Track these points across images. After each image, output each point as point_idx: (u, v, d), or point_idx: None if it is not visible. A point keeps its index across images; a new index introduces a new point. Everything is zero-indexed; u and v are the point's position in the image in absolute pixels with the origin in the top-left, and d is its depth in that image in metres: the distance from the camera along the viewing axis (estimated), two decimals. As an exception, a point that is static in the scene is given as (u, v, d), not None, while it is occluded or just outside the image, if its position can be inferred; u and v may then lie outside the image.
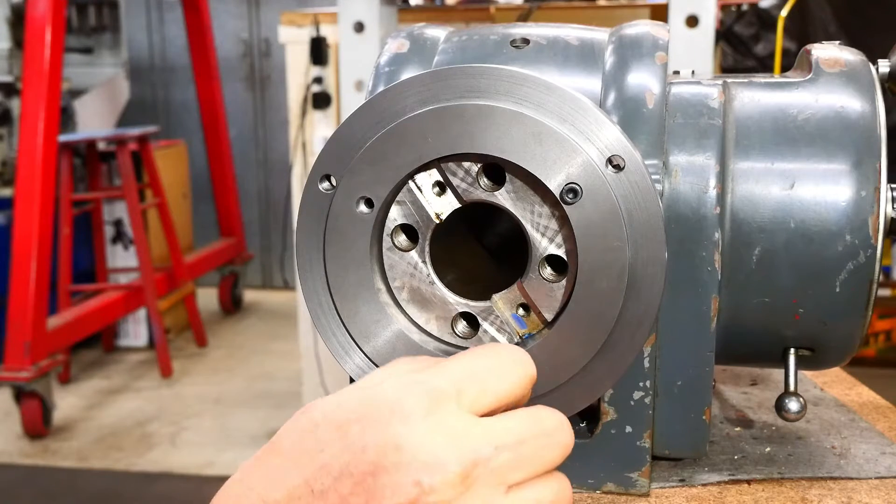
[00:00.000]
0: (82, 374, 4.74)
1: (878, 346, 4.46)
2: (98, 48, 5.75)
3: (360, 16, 2.36)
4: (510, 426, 0.50)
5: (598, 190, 0.61)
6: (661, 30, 0.74)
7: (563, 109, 0.61)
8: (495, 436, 0.49)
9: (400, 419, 0.48)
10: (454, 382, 0.50)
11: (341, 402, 0.50)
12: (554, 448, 0.51)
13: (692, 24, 2.18)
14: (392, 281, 0.67)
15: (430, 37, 0.77)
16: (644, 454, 0.71)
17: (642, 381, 0.70)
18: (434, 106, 0.62)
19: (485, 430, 0.49)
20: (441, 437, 0.47)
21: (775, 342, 0.73)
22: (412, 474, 0.47)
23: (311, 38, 3.13)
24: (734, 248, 0.69)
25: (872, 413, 0.91)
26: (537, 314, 0.65)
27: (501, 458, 0.48)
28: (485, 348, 0.54)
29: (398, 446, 0.47)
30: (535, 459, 0.50)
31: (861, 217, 0.67)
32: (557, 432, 0.51)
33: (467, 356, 0.53)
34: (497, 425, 0.50)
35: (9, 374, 3.73)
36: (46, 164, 3.78)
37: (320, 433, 0.50)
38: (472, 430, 0.48)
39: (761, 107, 0.72)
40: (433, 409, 0.48)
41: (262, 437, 3.92)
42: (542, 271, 0.64)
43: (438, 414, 0.48)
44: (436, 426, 0.48)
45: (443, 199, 0.65)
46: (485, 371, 0.52)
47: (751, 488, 0.74)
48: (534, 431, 0.50)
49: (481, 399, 0.50)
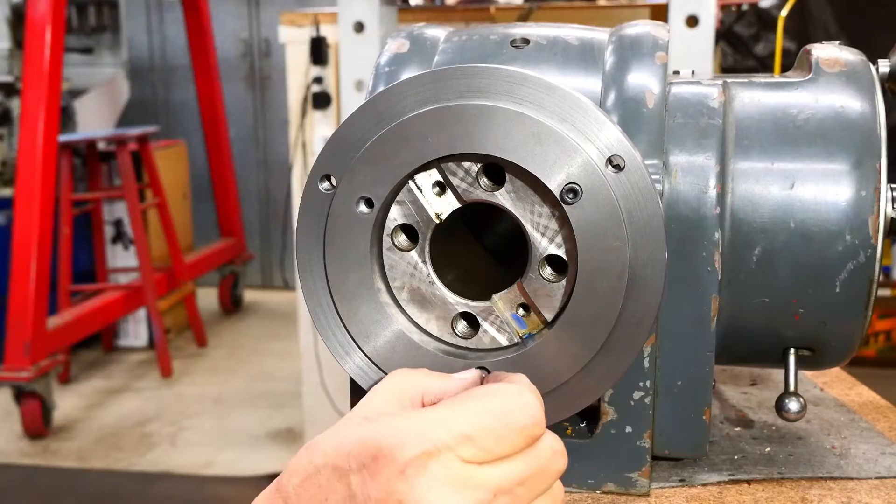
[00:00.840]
0: (82, 374, 4.74)
1: (878, 346, 4.46)
2: (98, 48, 5.75)
3: (360, 16, 2.36)
4: (510, 470, 0.50)
5: (597, 190, 0.61)
6: (661, 30, 0.74)
7: (563, 109, 0.61)
8: (495, 483, 0.49)
9: (399, 473, 0.48)
10: (455, 438, 0.49)
11: (342, 443, 0.51)
12: (550, 478, 0.52)
13: (692, 24, 2.18)
14: (392, 281, 0.67)
15: (430, 37, 0.77)
16: (644, 454, 0.71)
17: (642, 381, 0.70)
18: (434, 106, 0.62)
19: (485, 479, 0.49)
20: (442, 491, 0.48)
21: (775, 342, 0.73)
22: None
23: (311, 38, 3.13)
24: (734, 248, 0.69)
25: (872, 413, 0.91)
26: (537, 314, 0.65)
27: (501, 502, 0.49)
28: (493, 395, 0.53)
29: (400, 501, 0.48)
30: (532, 493, 0.51)
31: (861, 217, 0.67)
32: (553, 462, 0.52)
33: (473, 403, 0.52)
34: (496, 472, 0.50)
35: (9, 374, 3.72)
36: (46, 164, 3.78)
37: (322, 480, 0.50)
38: (473, 479, 0.49)
39: (761, 107, 0.72)
40: (434, 462, 0.48)
41: (262, 437, 3.92)
42: (542, 271, 0.64)
43: (439, 466, 0.48)
44: (436, 479, 0.48)
45: (443, 199, 0.65)
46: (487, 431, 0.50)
47: (751, 488, 0.74)
48: (532, 469, 0.51)
49: (481, 456, 0.50)
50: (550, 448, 0.53)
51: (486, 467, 0.50)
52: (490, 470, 0.50)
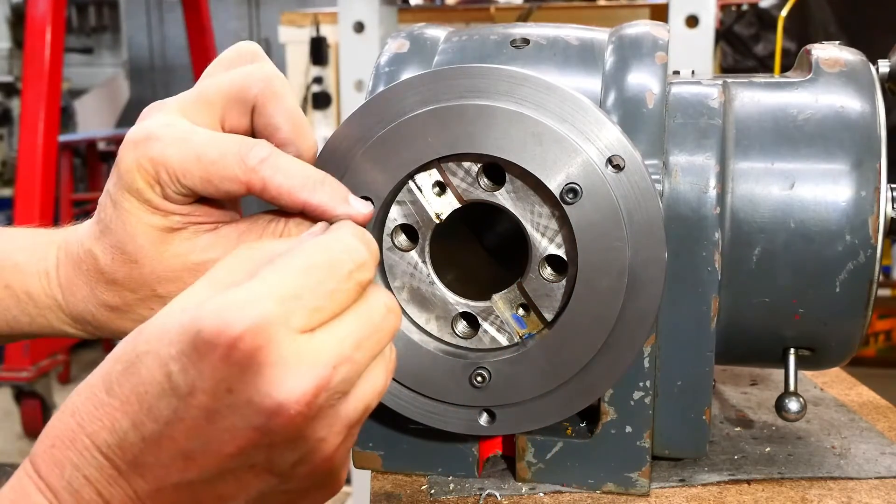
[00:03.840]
0: (82, 374, 4.73)
1: (878, 346, 4.46)
2: (98, 48, 5.75)
3: (360, 16, 2.36)
4: (345, 332, 0.47)
5: (597, 190, 0.61)
6: (661, 30, 0.74)
7: (563, 109, 0.61)
8: (333, 352, 0.46)
9: (224, 358, 0.44)
10: (282, 304, 0.45)
11: (165, 328, 0.46)
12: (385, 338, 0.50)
13: (692, 24, 2.18)
14: (392, 281, 0.67)
15: (430, 37, 0.77)
16: (644, 454, 0.71)
17: (642, 381, 0.70)
18: (434, 106, 0.62)
19: (322, 350, 0.46)
20: (273, 372, 0.44)
21: (775, 342, 0.73)
22: (250, 419, 0.44)
23: (311, 38, 3.13)
24: (734, 248, 0.69)
25: (872, 413, 0.91)
26: (537, 314, 0.65)
27: (341, 373, 0.46)
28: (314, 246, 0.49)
29: (229, 390, 0.44)
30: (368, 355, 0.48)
31: (861, 217, 0.67)
32: (387, 321, 0.50)
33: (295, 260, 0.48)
34: (331, 339, 0.46)
35: (9, 374, 3.73)
36: (46, 164, 3.78)
37: (143, 369, 0.46)
38: (308, 354, 0.45)
39: (761, 107, 0.72)
40: (262, 339, 0.44)
41: (262, 437, 3.92)
42: (542, 271, 0.64)
43: (269, 344, 0.44)
44: (268, 360, 0.44)
45: (443, 199, 0.65)
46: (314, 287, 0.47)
47: (751, 488, 0.74)
48: (367, 328, 0.48)
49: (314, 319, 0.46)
50: (383, 304, 0.50)
51: (319, 335, 0.46)
52: (325, 338, 0.46)
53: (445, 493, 0.73)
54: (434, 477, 0.75)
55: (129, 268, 0.61)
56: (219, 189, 0.58)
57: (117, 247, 0.61)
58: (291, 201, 0.58)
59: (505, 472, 0.76)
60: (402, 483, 0.75)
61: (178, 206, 0.60)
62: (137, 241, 0.60)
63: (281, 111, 0.60)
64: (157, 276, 0.61)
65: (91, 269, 0.63)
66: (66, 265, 0.64)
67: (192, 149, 0.57)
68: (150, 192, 0.58)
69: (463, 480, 0.74)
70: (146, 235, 0.60)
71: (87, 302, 0.64)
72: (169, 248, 0.61)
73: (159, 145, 0.57)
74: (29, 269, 0.65)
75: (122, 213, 0.60)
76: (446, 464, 0.74)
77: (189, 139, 0.58)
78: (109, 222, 0.60)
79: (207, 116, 0.60)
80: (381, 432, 0.75)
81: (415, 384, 0.67)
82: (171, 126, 0.58)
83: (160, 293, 0.61)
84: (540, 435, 0.72)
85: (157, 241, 0.60)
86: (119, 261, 0.61)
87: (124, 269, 0.61)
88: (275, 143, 0.60)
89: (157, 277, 0.61)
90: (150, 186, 0.58)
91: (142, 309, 0.63)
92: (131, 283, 0.61)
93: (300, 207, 0.59)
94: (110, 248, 0.61)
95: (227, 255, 0.52)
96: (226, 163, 0.57)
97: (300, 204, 0.59)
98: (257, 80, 0.60)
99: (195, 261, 0.61)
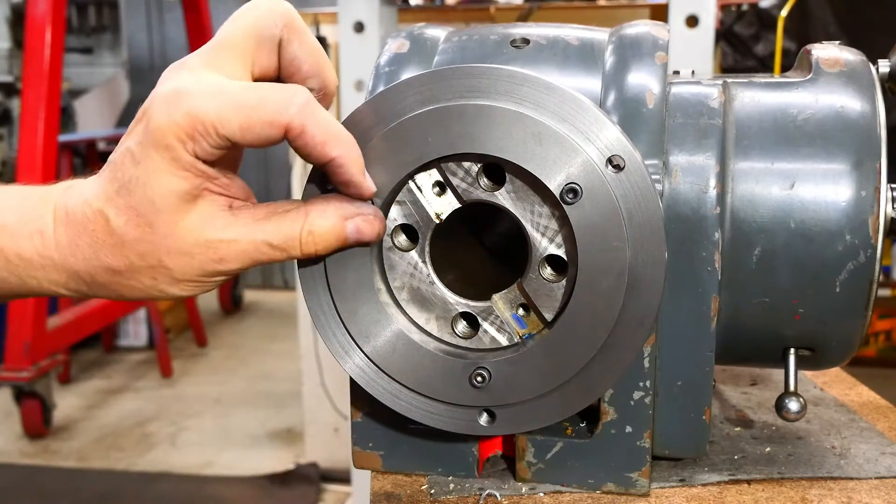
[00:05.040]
0: (82, 374, 4.74)
1: (878, 346, 4.46)
2: (98, 48, 5.76)
3: (360, 16, 2.36)
4: None
5: (597, 190, 0.61)
6: (661, 30, 0.74)
7: (563, 109, 0.61)
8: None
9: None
10: None
11: None
12: None
13: (692, 24, 2.18)
14: (392, 281, 0.67)
15: (430, 37, 0.77)
16: (644, 454, 0.71)
17: (642, 381, 0.70)
18: (434, 106, 0.62)
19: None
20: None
21: (775, 342, 0.73)
22: None
23: (311, 38, 3.13)
24: (734, 248, 0.69)
25: (872, 413, 0.91)
26: (537, 314, 0.65)
27: None
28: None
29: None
30: None
31: (861, 217, 0.67)
32: None
33: None
34: None
35: (9, 374, 3.72)
36: (46, 164, 3.78)
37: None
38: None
39: (761, 107, 0.72)
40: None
41: (262, 437, 3.92)
42: (542, 271, 0.64)
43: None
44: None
45: (443, 199, 0.65)
46: None
47: (751, 488, 0.74)
48: None
49: None
50: None
51: None
52: None
53: (445, 493, 0.73)
54: (434, 477, 0.75)
55: (141, 231, 0.60)
56: (259, 136, 0.58)
57: (133, 207, 0.60)
58: (323, 153, 0.59)
59: (505, 472, 0.76)
60: (402, 483, 0.75)
61: (205, 166, 0.60)
62: (156, 203, 0.59)
63: (305, 45, 0.63)
64: (168, 247, 0.60)
65: (99, 230, 0.62)
66: (67, 224, 0.63)
67: (230, 97, 0.58)
68: (180, 148, 0.58)
69: (463, 480, 0.74)
70: (165, 199, 0.59)
71: (87, 262, 0.63)
72: (185, 218, 0.60)
73: (195, 100, 0.58)
74: (20, 231, 0.64)
75: (145, 172, 0.59)
76: (446, 464, 0.75)
77: (224, 90, 0.58)
78: (128, 182, 0.60)
79: (239, 61, 0.61)
80: (381, 432, 0.75)
81: (415, 384, 0.67)
82: (202, 81, 0.59)
83: (167, 264, 0.61)
84: (540, 435, 0.72)
85: (174, 209, 0.60)
86: (133, 223, 0.60)
87: (136, 232, 0.60)
88: (299, 78, 0.63)
89: (167, 248, 0.60)
90: (181, 143, 0.58)
91: (144, 277, 0.62)
92: (141, 246, 0.61)
93: (327, 160, 0.60)
94: (126, 208, 0.60)
95: None
96: (266, 107, 0.58)
97: (329, 157, 0.59)
98: (279, 15, 0.62)
99: (208, 238, 0.61)
